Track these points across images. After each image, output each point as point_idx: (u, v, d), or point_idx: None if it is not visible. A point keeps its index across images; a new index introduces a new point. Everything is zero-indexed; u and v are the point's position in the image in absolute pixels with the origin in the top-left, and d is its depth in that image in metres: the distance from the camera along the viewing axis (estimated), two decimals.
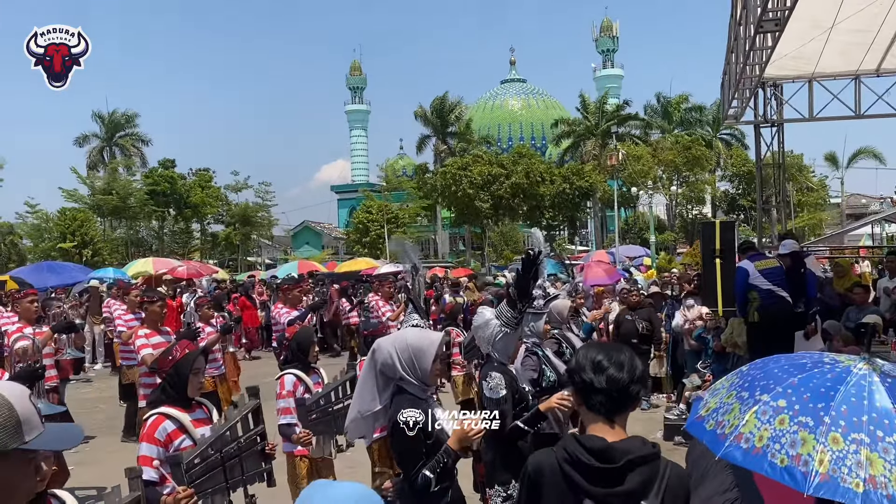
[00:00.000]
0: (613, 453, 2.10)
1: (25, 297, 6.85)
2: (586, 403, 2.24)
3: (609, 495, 2.08)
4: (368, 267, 23.22)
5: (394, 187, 50.06)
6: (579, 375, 2.24)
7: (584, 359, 2.26)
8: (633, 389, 2.21)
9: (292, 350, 5.13)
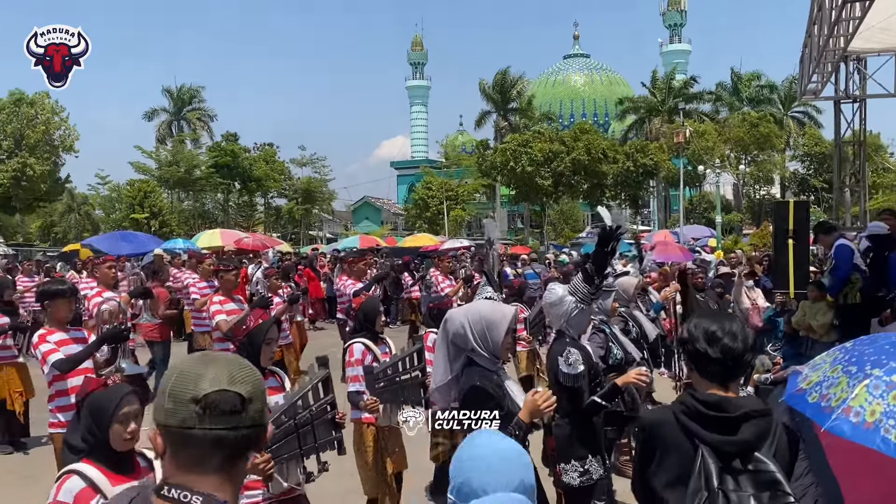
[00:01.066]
0: (728, 405, 2.21)
1: (104, 262, 7.13)
2: (699, 372, 2.33)
3: (724, 443, 2.18)
4: (429, 243, 23.34)
5: (453, 164, 50.03)
6: (692, 346, 2.31)
7: (696, 329, 2.33)
8: (747, 358, 2.29)
9: (359, 320, 5.21)
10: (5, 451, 7.29)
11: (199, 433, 1.31)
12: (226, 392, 1.32)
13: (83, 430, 2.72)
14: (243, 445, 1.35)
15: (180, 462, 1.34)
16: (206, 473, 1.33)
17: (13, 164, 34.26)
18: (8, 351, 7.25)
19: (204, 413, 1.31)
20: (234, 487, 1.37)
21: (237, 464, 1.36)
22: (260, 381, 1.40)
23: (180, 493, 1.30)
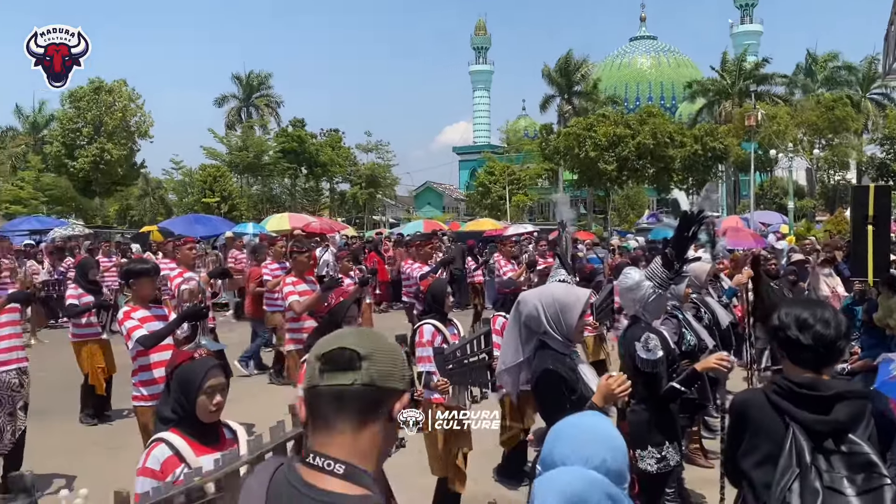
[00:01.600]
0: (820, 385, 2.22)
1: (184, 244, 7.41)
2: (791, 359, 2.33)
3: (816, 422, 2.18)
4: (493, 227, 23.33)
5: (515, 148, 49.72)
6: (784, 333, 2.31)
7: (787, 317, 2.33)
8: (840, 345, 2.28)
9: (428, 302, 5.28)
10: (90, 422, 7.67)
11: (321, 390, 1.37)
12: (343, 349, 1.38)
13: (172, 401, 2.84)
14: (364, 403, 1.37)
15: (316, 426, 1.38)
16: (335, 435, 1.36)
17: (93, 149, 35.65)
18: (92, 328, 7.61)
19: (324, 369, 1.37)
20: (369, 452, 1.38)
21: (367, 426, 1.38)
22: (391, 350, 1.42)
23: (324, 461, 1.34)
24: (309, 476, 1.34)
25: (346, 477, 1.34)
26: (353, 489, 1.33)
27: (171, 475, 2.61)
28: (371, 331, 1.47)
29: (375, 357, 1.39)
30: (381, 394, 1.39)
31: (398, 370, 1.41)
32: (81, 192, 37.56)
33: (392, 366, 1.41)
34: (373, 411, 1.38)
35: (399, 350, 1.44)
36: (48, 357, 9.44)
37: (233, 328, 14.22)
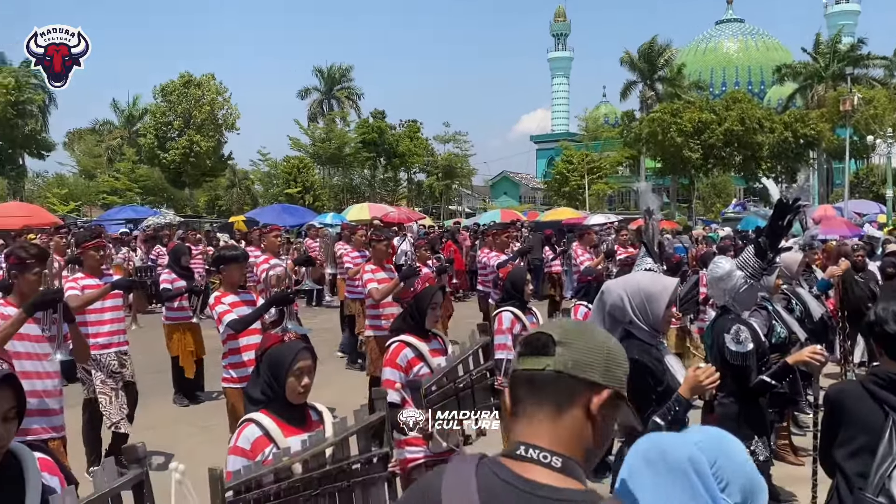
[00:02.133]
0: None
1: (270, 232, 7.64)
2: (889, 354, 2.33)
3: None
4: (571, 217, 23.07)
5: (594, 136, 48.92)
6: (881, 328, 2.32)
7: (885, 311, 2.33)
8: None
9: (506, 289, 5.28)
10: (182, 403, 8.02)
11: (517, 374, 1.33)
12: (541, 334, 1.34)
13: (262, 383, 2.91)
14: (557, 390, 1.30)
15: (517, 413, 1.33)
16: (535, 423, 1.30)
17: (183, 141, 37.15)
18: (184, 312, 7.95)
19: (521, 352, 1.35)
20: (572, 444, 1.29)
21: (564, 415, 1.30)
22: (597, 343, 1.33)
23: (539, 453, 1.27)
24: (523, 470, 1.26)
25: (565, 471, 1.27)
26: (574, 484, 1.26)
27: (261, 454, 2.69)
28: (586, 324, 1.41)
29: (573, 345, 1.32)
30: (574, 384, 1.30)
31: (600, 364, 1.31)
32: (172, 183, 39.21)
33: (592, 357, 1.31)
34: (567, 401, 1.31)
35: (611, 346, 1.35)
36: (145, 340, 9.91)
37: (316, 313, 14.62)
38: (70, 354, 4.42)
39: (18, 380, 1.82)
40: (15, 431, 1.79)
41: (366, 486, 2.83)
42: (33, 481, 1.80)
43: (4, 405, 1.75)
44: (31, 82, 37.68)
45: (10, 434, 1.77)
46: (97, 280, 5.67)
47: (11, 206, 22.50)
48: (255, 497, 2.46)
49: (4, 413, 1.75)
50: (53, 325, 4.16)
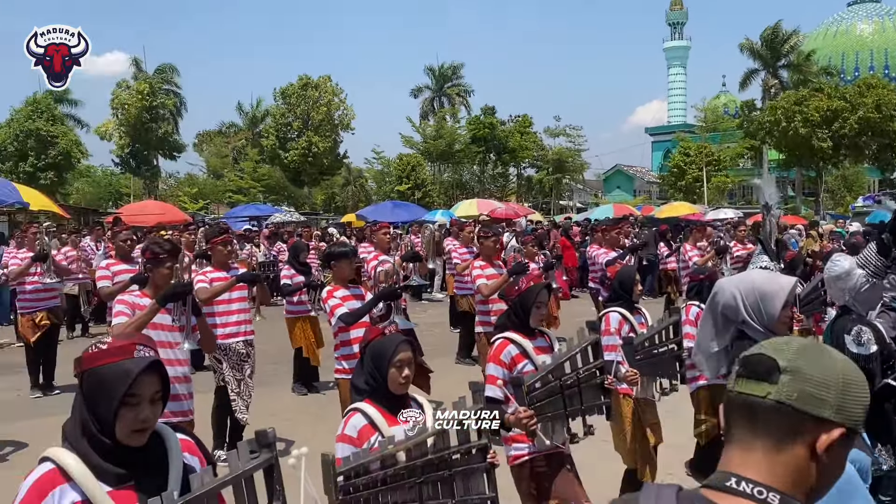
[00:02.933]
0: None
1: (380, 229, 7.88)
2: None
3: None
4: (689, 212, 22.25)
5: (713, 127, 46.94)
6: None
7: None
8: None
9: (615, 289, 5.17)
10: (301, 392, 8.41)
11: (733, 397, 1.21)
12: (762, 356, 1.20)
13: (365, 374, 3.04)
14: (778, 423, 1.16)
15: (730, 439, 1.22)
16: (749, 453, 1.19)
17: (302, 142, 38.68)
18: (303, 305, 8.35)
19: (740, 373, 1.21)
20: (789, 483, 1.16)
21: (785, 450, 1.16)
22: (836, 375, 1.17)
23: (754, 487, 1.15)
24: None
25: None
26: None
27: (367, 442, 2.80)
28: (821, 348, 1.24)
29: (802, 374, 1.16)
30: (800, 418, 1.16)
31: (834, 398, 1.15)
32: (292, 182, 40.90)
33: (824, 390, 1.16)
34: (788, 436, 1.16)
35: (850, 377, 1.18)
36: (268, 332, 10.44)
37: (424, 308, 14.89)
38: (198, 344, 4.75)
39: (164, 366, 1.97)
40: (160, 414, 1.95)
41: (466, 476, 2.89)
42: (176, 460, 1.95)
43: (152, 389, 1.90)
44: (164, 88, 40.36)
45: (156, 416, 1.92)
46: (224, 273, 6.03)
47: (147, 204, 24.20)
48: (363, 482, 2.57)
49: (152, 396, 1.90)
50: (183, 315, 4.49)
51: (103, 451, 1.86)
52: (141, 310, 4.34)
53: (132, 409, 1.86)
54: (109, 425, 1.85)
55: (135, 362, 1.88)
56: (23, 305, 8.59)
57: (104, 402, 1.85)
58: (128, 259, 7.56)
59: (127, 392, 1.84)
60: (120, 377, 1.85)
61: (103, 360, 1.89)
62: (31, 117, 34.99)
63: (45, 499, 1.81)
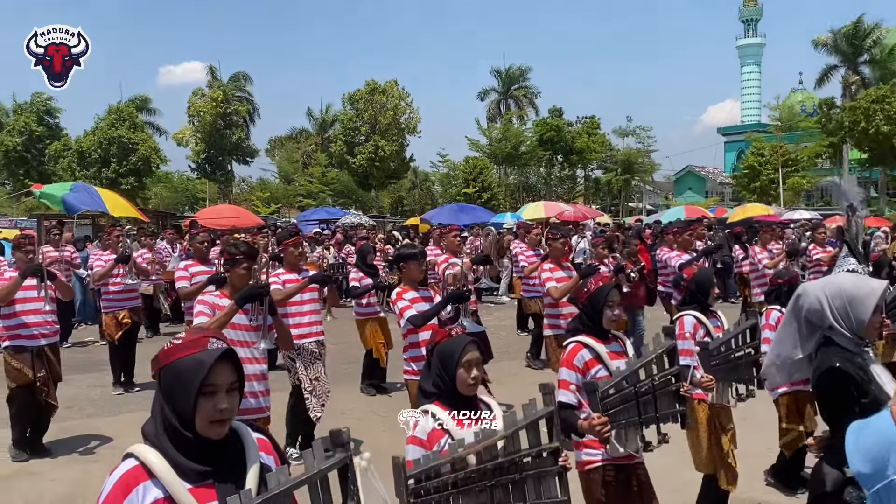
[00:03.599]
0: None
1: (450, 232, 7.90)
2: None
3: None
4: (763, 213, 21.53)
5: (789, 126, 45.30)
6: None
7: None
8: None
9: (691, 291, 5.03)
10: (370, 393, 8.49)
11: None
12: None
13: (433, 376, 3.02)
14: None
15: None
16: None
17: (369, 146, 39.20)
18: (372, 307, 8.44)
19: None
20: None
21: None
22: None
23: None
24: None
25: None
26: None
27: (437, 445, 2.79)
28: None
29: None
30: None
31: None
32: (360, 186, 41.49)
33: None
34: None
35: None
36: (338, 332, 10.60)
37: (490, 311, 14.85)
38: (274, 343, 4.86)
39: (237, 355, 2.00)
40: (238, 406, 1.97)
41: (537, 480, 2.85)
42: (253, 458, 1.99)
43: (228, 378, 1.94)
44: (237, 95, 41.57)
45: (233, 406, 1.95)
46: (296, 275, 6.15)
47: (222, 208, 24.91)
48: (434, 486, 2.55)
49: (228, 386, 1.94)
50: (260, 315, 4.59)
51: (184, 448, 1.90)
52: (220, 310, 4.46)
53: (210, 399, 1.90)
54: (189, 418, 1.89)
55: (208, 353, 1.92)
56: (107, 305, 8.97)
57: (182, 395, 1.89)
58: (205, 260, 7.80)
59: (203, 382, 1.88)
60: (195, 368, 1.89)
61: (178, 354, 1.94)
62: (114, 125, 36.58)
63: (130, 495, 1.86)
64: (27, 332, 6.40)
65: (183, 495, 1.86)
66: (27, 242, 6.71)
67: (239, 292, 4.52)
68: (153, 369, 2.01)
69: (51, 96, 38.99)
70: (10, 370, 6.40)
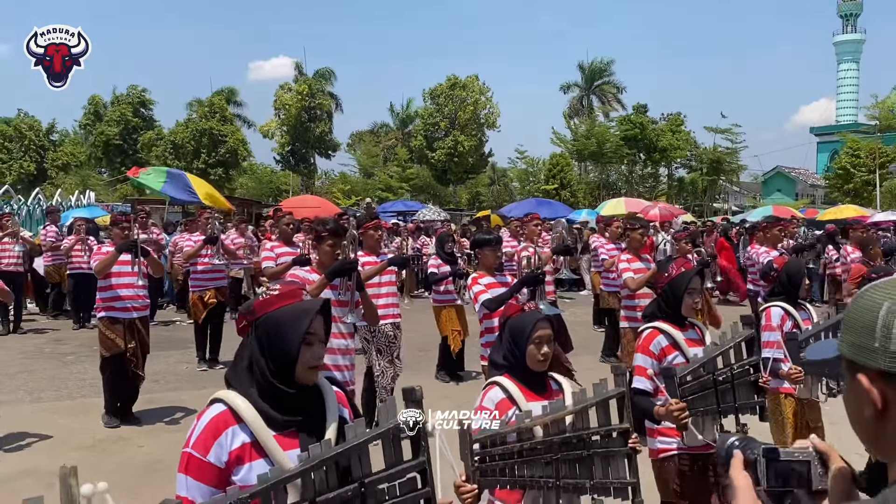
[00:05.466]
0: None
1: (531, 220, 7.89)
2: None
3: None
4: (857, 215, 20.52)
5: (888, 126, 42.93)
6: None
7: None
8: None
9: (781, 282, 4.85)
10: (445, 380, 8.55)
11: None
12: None
13: (504, 349, 3.02)
14: None
15: None
16: None
17: (448, 141, 39.37)
18: (450, 294, 8.49)
19: None
20: None
21: None
22: None
23: None
24: None
25: None
26: None
27: (504, 416, 2.79)
28: None
29: None
30: None
31: None
32: (438, 180, 41.73)
33: None
34: None
35: None
36: (414, 320, 10.72)
37: (567, 306, 14.68)
38: (362, 318, 4.98)
39: (330, 309, 2.13)
40: (324, 354, 2.09)
41: (605, 458, 2.81)
42: (332, 410, 2.07)
43: (323, 328, 2.06)
44: (322, 90, 42.48)
45: (322, 354, 2.06)
46: (374, 258, 6.25)
47: (306, 198, 25.71)
48: (499, 452, 2.56)
49: (321, 336, 2.05)
50: (347, 291, 4.71)
51: (270, 396, 1.98)
52: (311, 284, 4.59)
53: (308, 348, 2.00)
54: (291, 364, 1.98)
55: (310, 302, 2.04)
56: (194, 284, 9.34)
57: (286, 342, 1.98)
58: (289, 242, 8.06)
59: (307, 330, 1.98)
60: (300, 316, 1.99)
61: (278, 304, 2.04)
62: (205, 117, 38.02)
63: (220, 438, 1.95)
64: (121, 305, 6.75)
65: (269, 440, 1.94)
66: (124, 220, 7.09)
67: (327, 268, 4.64)
68: (248, 318, 2.08)
69: (145, 88, 40.89)
70: (103, 340, 6.76)
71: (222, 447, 1.93)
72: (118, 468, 5.73)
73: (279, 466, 1.90)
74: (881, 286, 1.07)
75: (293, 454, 1.93)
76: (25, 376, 8.74)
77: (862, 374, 1.06)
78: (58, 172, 39.64)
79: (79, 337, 11.30)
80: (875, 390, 1.04)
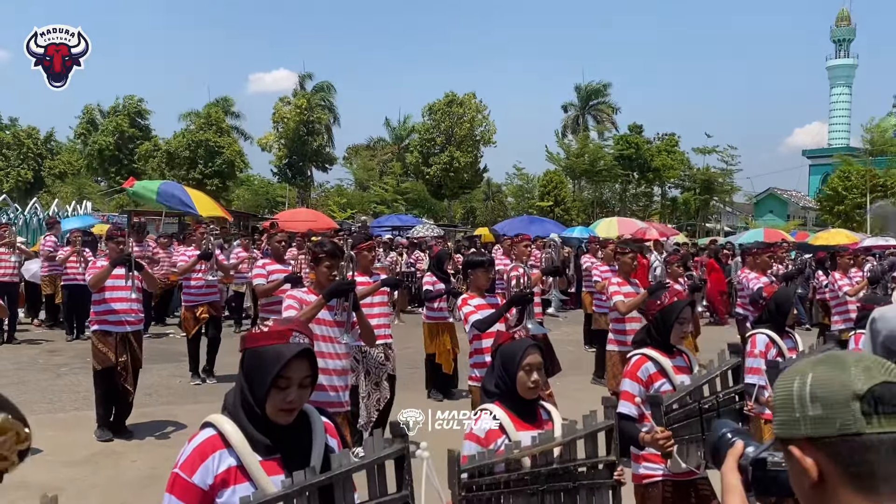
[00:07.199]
0: None
1: (521, 241, 7.96)
2: None
3: None
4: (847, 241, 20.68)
5: (881, 150, 43.31)
6: None
7: None
8: None
9: (769, 310, 4.93)
10: (436, 398, 8.57)
11: (869, 439, 1.05)
12: (892, 385, 1.06)
13: (495, 377, 3.10)
14: None
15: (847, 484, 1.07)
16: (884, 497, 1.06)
17: (444, 157, 39.49)
18: (442, 312, 8.55)
19: (871, 410, 1.05)
20: None
21: None
22: None
23: None
24: None
25: None
26: None
27: (493, 444, 2.85)
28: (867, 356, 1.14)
29: None
30: None
31: None
32: (433, 195, 41.83)
33: None
34: None
35: None
36: (406, 337, 10.75)
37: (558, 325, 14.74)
38: (358, 339, 5.01)
39: (314, 353, 2.13)
40: (307, 399, 2.11)
41: (590, 490, 2.87)
42: (319, 439, 2.12)
43: (302, 373, 2.06)
44: (321, 103, 42.65)
45: (303, 399, 2.08)
46: (367, 278, 6.30)
47: (300, 211, 25.64)
48: (486, 482, 2.62)
49: (301, 381, 2.05)
50: (344, 311, 4.75)
51: (257, 422, 2.05)
52: (307, 304, 4.63)
53: (281, 392, 2.03)
54: (261, 402, 2.03)
55: (288, 347, 2.04)
56: (187, 299, 9.37)
57: (258, 381, 2.03)
58: (281, 259, 8.08)
59: (278, 374, 2.00)
60: (274, 359, 2.02)
61: (262, 341, 2.08)
62: (202, 128, 38.08)
63: (206, 461, 2.02)
64: (114, 318, 6.78)
65: (254, 466, 2.01)
66: (118, 234, 7.14)
67: (324, 289, 4.69)
68: (241, 347, 2.16)
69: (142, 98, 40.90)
70: (96, 353, 6.79)
71: (208, 470, 2.00)
72: (110, 483, 5.76)
73: (262, 490, 1.97)
74: (795, 369, 1.17)
75: (277, 480, 2.00)
76: (18, 388, 8.75)
77: (793, 447, 1.13)
78: (54, 181, 39.58)
79: (73, 348, 11.31)
80: (808, 459, 1.10)
